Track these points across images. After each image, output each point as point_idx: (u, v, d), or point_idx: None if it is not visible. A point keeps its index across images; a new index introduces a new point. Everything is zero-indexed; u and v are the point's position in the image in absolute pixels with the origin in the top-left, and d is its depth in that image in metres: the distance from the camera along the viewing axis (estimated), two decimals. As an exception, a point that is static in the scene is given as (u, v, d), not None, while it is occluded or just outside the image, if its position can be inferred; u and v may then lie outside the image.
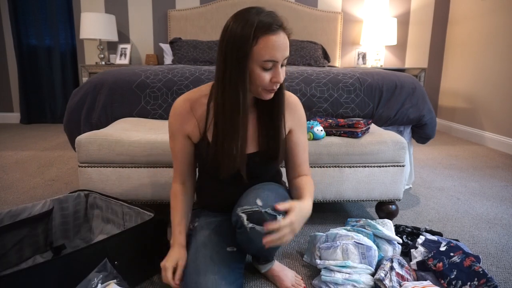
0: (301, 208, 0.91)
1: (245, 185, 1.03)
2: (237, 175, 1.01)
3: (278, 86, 0.91)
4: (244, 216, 0.89)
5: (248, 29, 0.84)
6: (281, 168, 1.24)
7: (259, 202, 0.90)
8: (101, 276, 0.94)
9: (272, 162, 1.02)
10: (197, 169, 1.18)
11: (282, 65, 0.90)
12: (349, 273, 1.09)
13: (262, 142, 1.00)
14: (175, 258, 0.99)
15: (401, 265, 1.12)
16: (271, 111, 0.98)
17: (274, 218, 0.88)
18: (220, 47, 0.89)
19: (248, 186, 1.03)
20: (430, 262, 1.13)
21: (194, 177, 1.15)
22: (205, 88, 1.02)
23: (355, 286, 1.06)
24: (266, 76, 0.88)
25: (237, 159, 0.95)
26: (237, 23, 0.86)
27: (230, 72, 0.88)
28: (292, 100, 1.06)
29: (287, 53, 0.89)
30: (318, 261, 1.13)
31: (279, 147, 1.00)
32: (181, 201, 1.08)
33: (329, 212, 1.73)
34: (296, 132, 1.07)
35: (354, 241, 1.15)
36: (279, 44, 0.86)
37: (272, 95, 0.93)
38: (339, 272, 1.09)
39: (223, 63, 0.88)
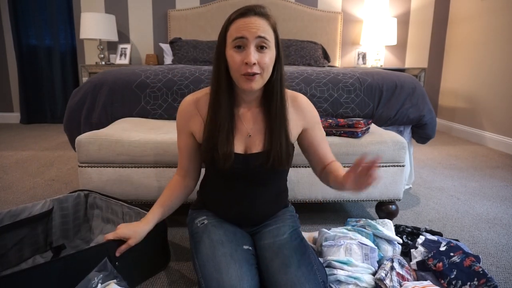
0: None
1: (251, 192, 1.05)
2: (241, 176, 1.03)
3: (253, 71, 0.90)
4: None
5: (226, 19, 0.93)
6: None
7: None
8: (101, 275, 0.94)
9: (277, 165, 1.00)
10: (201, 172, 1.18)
11: (263, 48, 0.91)
12: (351, 271, 1.09)
13: (267, 142, 1.00)
14: (132, 231, 1.02)
15: (402, 265, 1.12)
16: (272, 110, 0.99)
17: None
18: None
19: (254, 192, 1.05)
20: (430, 262, 1.13)
21: (195, 176, 1.15)
22: (210, 88, 1.04)
23: (357, 284, 1.05)
24: (237, 57, 0.90)
25: (226, 151, 0.96)
26: None
27: (215, 62, 0.96)
28: (300, 100, 1.07)
29: (260, 33, 0.89)
30: (320, 259, 1.13)
31: (283, 148, 0.99)
32: (172, 190, 1.10)
33: (329, 212, 1.73)
34: (310, 131, 1.08)
35: (358, 242, 1.15)
36: (247, 23, 0.89)
37: (252, 84, 0.91)
38: (341, 269, 1.09)
39: (214, 58, 0.97)
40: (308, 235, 1.35)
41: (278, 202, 1.14)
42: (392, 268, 1.09)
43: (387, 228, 1.31)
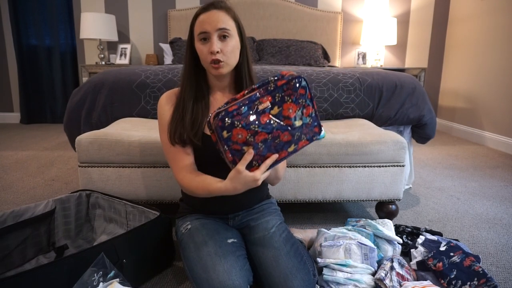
0: None
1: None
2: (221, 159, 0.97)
3: (218, 58, 0.98)
4: None
5: (193, 16, 1.02)
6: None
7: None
8: (100, 272, 0.93)
9: None
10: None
11: (225, 37, 0.99)
12: (350, 273, 1.09)
13: None
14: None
15: (401, 265, 1.13)
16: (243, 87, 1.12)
17: None
18: None
19: None
20: (430, 262, 1.13)
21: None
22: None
23: (357, 286, 1.06)
24: (204, 48, 1.00)
25: (200, 126, 1.03)
26: None
27: (185, 54, 1.06)
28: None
29: (220, 25, 0.98)
30: (319, 260, 1.14)
31: None
32: (203, 176, 1.01)
33: (329, 212, 1.73)
34: None
35: (358, 242, 1.15)
36: (208, 18, 0.99)
37: (219, 70, 1.00)
38: (341, 271, 1.09)
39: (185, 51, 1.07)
40: (303, 236, 1.35)
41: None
42: (392, 268, 1.09)
43: (387, 228, 1.31)
